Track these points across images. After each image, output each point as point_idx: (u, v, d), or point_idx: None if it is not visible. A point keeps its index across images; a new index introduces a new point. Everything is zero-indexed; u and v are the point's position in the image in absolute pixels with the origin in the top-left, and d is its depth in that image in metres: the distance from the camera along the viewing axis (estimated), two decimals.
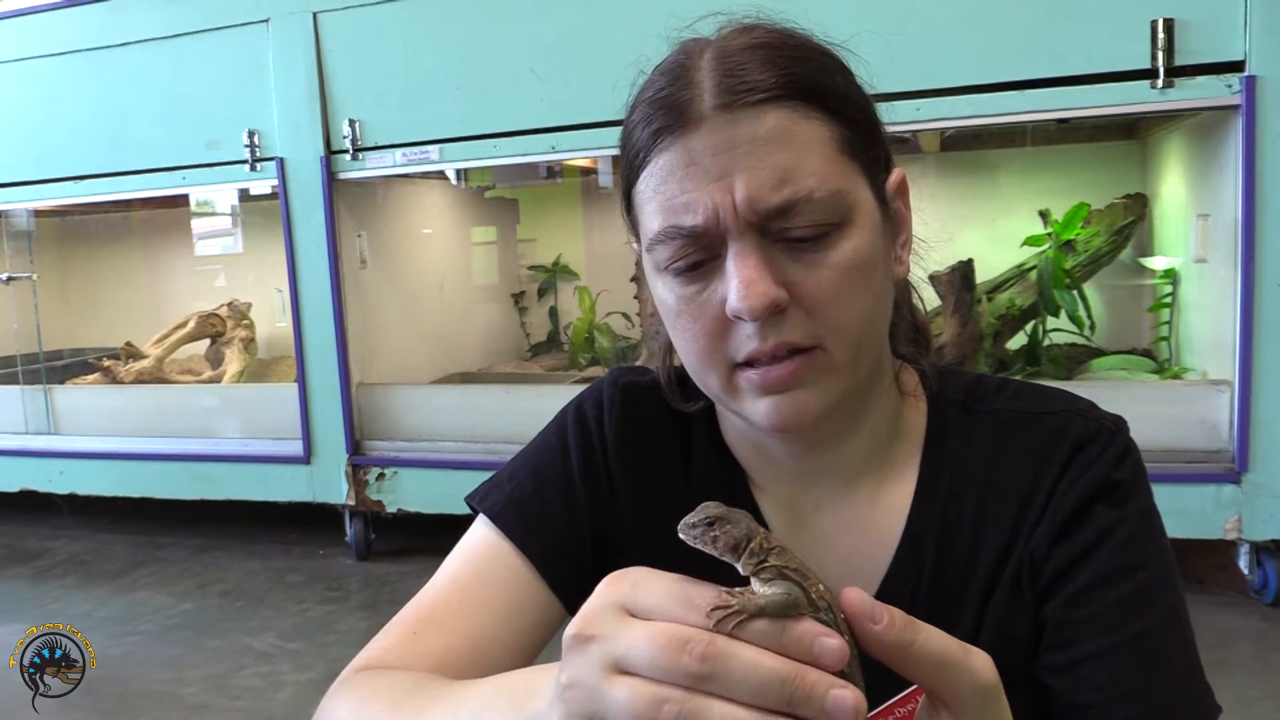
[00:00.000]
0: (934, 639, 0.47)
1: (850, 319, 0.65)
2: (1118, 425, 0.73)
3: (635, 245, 0.73)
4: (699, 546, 0.49)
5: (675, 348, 0.71)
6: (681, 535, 0.49)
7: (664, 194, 0.65)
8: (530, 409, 2.99)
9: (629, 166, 0.69)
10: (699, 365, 0.68)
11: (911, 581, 0.73)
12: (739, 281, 0.62)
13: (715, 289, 0.65)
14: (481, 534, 0.78)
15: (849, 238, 0.64)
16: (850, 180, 0.65)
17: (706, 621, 0.44)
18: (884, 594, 0.73)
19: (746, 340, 0.64)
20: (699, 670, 0.43)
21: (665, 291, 0.68)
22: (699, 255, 0.65)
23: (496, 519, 0.78)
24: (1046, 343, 3.12)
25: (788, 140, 0.63)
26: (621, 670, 0.45)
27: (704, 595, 0.45)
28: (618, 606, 0.47)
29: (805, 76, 0.64)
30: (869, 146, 0.67)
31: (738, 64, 0.64)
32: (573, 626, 0.48)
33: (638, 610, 0.47)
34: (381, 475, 3.12)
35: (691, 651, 0.44)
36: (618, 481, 0.79)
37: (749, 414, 0.68)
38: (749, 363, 0.65)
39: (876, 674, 0.49)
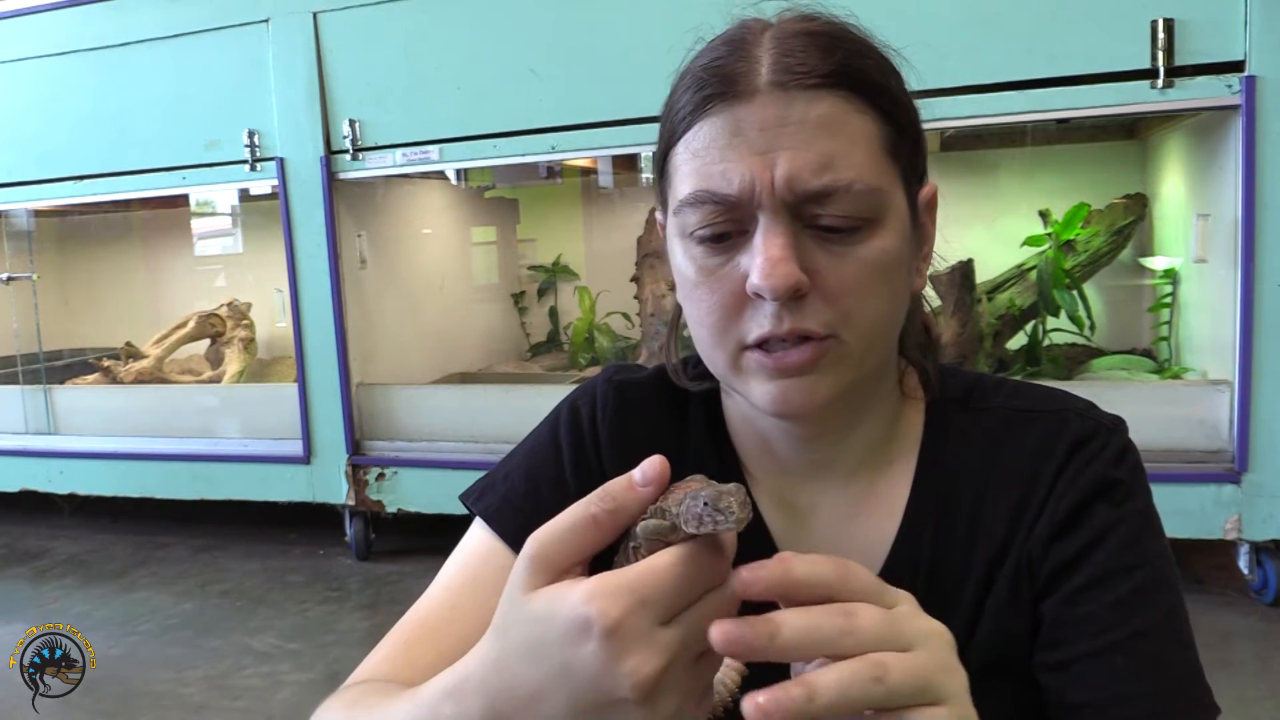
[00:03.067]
0: None
1: (868, 314, 0.65)
2: (1116, 425, 0.72)
3: (660, 215, 0.72)
4: (728, 528, 0.46)
5: (686, 321, 0.70)
6: (700, 528, 0.47)
7: (703, 158, 0.64)
8: (530, 409, 2.96)
9: (670, 130, 0.68)
10: (709, 339, 0.67)
11: (907, 578, 0.72)
12: (764, 259, 0.62)
13: (738, 263, 0.64)
14: (477, 536, 0.78)
15: (878, 236, 0.64)
16: (889, 181, 0.65)
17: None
18: None
19: (761, 321, 0.64)
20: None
21: (685, 260, 0.67)
22: (727, 226, 0.64)
23: (491, 520, 0.77)
24: (1046, 343, 3.12)
25: (837, 129, 0.63)
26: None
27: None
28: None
29: (863, 71, 0.64)
30: (911, 154, 0.68)
31: (798, 45, 0.64)
32: (589, 613, 0.48)
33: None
34: (381, 475, 3.12)
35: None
36: (611, 479, 0.78)
37: (751, 395, 0.67)
38: (759, 345, 0.65)
39: None
